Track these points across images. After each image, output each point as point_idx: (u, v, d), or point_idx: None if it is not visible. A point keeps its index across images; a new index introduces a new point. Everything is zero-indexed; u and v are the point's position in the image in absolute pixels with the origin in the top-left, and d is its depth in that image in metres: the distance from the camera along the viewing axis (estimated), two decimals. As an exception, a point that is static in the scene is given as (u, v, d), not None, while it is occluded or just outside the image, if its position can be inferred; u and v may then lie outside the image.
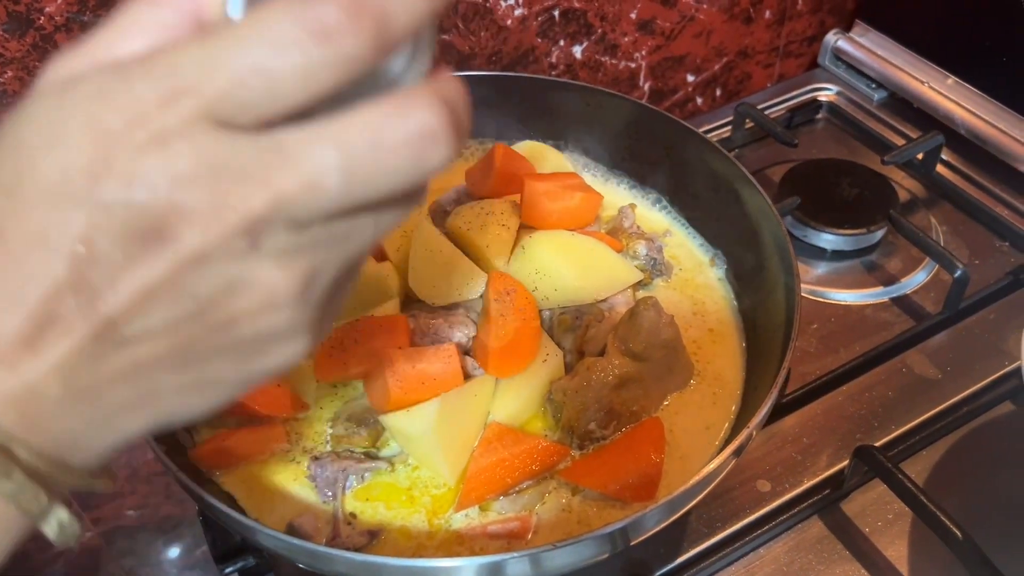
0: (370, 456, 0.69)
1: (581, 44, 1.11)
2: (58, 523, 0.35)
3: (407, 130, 0.29)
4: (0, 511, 0.33)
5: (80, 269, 0.30)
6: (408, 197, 0.32)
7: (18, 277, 0.30)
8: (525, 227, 0.78)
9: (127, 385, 0.32)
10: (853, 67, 1.22)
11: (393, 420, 0.66)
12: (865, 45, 1.21)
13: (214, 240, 0.29)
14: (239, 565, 0.76)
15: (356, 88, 0.29)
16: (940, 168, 1.09)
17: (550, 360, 0.72)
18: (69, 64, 0.32)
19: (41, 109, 0.31)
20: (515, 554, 0.55)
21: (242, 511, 0.67)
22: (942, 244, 0.98)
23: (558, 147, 0.93)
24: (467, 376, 0.70)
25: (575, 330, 0.73)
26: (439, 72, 0.32)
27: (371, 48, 0.28)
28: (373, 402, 0.69)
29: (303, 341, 0.34)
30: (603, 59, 1.14)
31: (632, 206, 0.86)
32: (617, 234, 0.82)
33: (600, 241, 0.78)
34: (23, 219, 0.30)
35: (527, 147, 0.91)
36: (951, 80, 1.12)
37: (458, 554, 0.64)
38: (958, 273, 0.89)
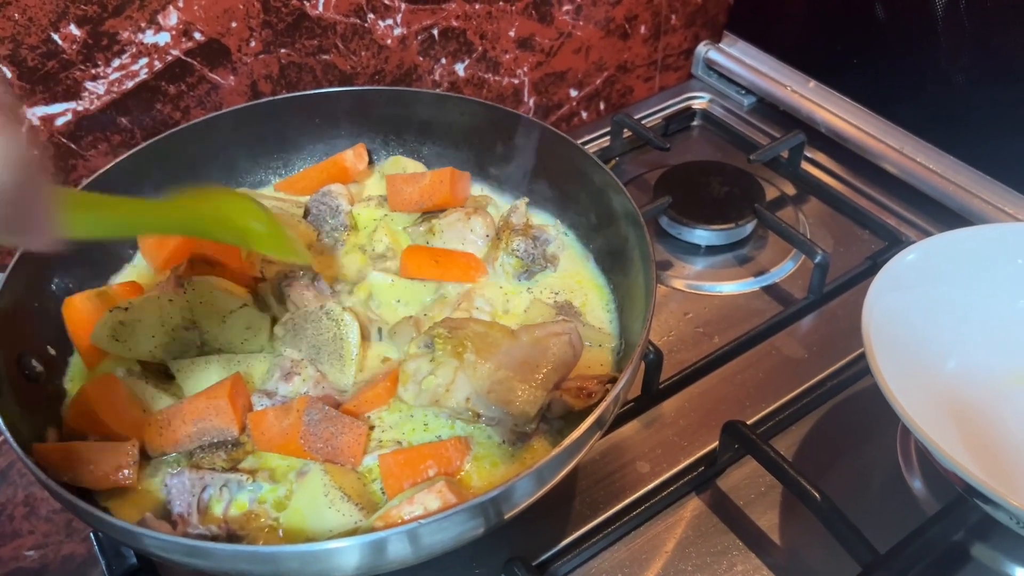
0: (228, 470, 0.69)
1: (463, 62, 1.15)
2: None
3: None
4: None
5: None
6: None
7: None
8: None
9: None
10: (724, 76, 1.29)
11: None
12: (734, 55, 1.28)
13: None
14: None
15: None
16: (806, 166, 1.16)
17: None
18: None
19: None
20: (390, 531, 0.56)
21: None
22: (808, 235, 1.04)
23: (438, 163, 0.98)
24: None
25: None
26: None
27: None
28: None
29: None
30: (486, 76, 1.18)
31: (525, 202, 0.90)
32: (503, 230, 0.86)
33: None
34: None
35: (392, 161, 0.97)
36: (812, 83, 1.20)
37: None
38: (818, 258, 0.95)
